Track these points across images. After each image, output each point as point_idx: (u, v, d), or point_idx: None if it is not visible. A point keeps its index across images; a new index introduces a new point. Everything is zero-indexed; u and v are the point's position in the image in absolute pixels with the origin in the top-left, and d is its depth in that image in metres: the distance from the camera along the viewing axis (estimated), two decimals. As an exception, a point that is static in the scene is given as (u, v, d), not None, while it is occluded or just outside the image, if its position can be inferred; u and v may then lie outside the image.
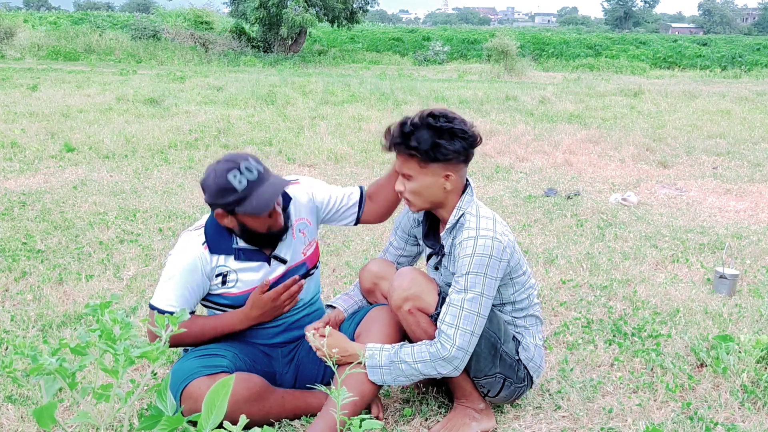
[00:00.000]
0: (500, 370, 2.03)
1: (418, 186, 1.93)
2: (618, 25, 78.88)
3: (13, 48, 21.30)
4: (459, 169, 1.94)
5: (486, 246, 1.89)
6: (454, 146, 1.88)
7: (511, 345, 2.06)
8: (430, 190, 1.94)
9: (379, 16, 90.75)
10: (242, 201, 1.91)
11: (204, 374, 1.88)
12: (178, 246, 2.06)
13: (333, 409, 1.90)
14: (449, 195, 1.97)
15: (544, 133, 8.26)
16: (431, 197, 1.96)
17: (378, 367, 1.93)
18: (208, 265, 2.04)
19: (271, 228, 2.02)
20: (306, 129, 8.11)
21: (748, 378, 2.37)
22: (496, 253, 1.90)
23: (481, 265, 1.88)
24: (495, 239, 1.91)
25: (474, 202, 1.99)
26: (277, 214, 2.01)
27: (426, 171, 1.91)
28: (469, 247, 1.90)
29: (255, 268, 2.09)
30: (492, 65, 21.29)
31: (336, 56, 26.97)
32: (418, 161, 1.89)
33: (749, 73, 23.97)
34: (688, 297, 3.25)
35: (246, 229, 2.00)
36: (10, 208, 4.53)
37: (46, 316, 2.87)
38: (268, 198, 1.92)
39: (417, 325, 1.97)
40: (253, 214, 1.93)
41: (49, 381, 1.29)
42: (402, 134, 1.89)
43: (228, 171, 1.92)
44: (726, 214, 4.95)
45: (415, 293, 1.94)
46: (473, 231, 1.92)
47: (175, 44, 24.41)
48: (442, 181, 1.92)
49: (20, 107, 9.01)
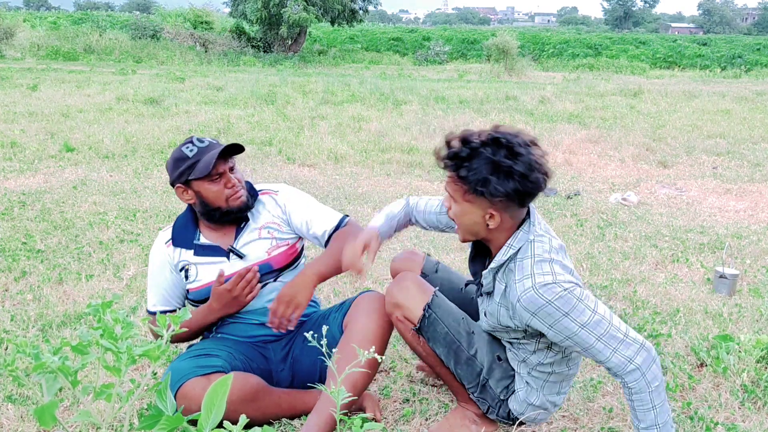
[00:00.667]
0: (482, 396, 1.97)
1: (459, 213, 1.74)
2: (618, 25, 78.92)
3: (12, 48, 21.31)
4: (509, 208, 1.69)
5: (552, 291, 1.64)
6: (506, 187, 1.62)
7: (501, 383, 1.94)
8: (471, 223, 1.73)
9: (379, 16, 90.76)
10: (193, 166, 2.03)
11: (198, 374, 1.89)
12: (152, 246, 2.21)
13: (326, 404, 1.90)
14: (494, 233, 1.75)
15: (544, 132, 8.27)
16: (472, 230, 1.76)
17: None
18: (173, 261, 2.14)
19: (230, 200, 2.06)
20: (306, 129, 8.12)
21: (749, 378, 2.37)
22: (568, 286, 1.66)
23: (568, 302, 1.64)
24: (555, 284, 1.65)
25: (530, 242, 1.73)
26: (232, 184, 2.06)
27: (468, 202, 1.70)
28: (533, 300, 1.65)
29: (213, 263, 2.12)
30: (492, 65, 21.30)
31: (336, 56, 26.98)
32: (463, 189, 1.68)
33: (749, 72, 24.00)
34: (688, 297, 3.25)
35: (203, 202, 2.06)
36: (10, 208, 4.53)
37: (46, 315, 2.87)
38: (210, 157, 2.00)
39: (406, 331, 1.98)
40: (201, 175, 2.00)
41: (50, 380, 1.29)
42: (456, 156, 1.67)
43: (183, 145, 2.07)
44: (726, 214, 4.95)
45: (401, 302, 1.93)
46: (528, 280, 1.67)
47: (174, 44, 24.43)
48: (485, 218, 1.70)
49: (20, 107, 9.01)
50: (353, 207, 4.83)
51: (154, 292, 2.17)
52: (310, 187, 5.50)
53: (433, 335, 1.93)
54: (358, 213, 4.64)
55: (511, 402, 1.94)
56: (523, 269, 1.69)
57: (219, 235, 2.15)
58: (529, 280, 1.66)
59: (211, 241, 2.14)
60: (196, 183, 2.05)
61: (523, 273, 1.68)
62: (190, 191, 2.08)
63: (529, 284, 1.66)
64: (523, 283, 1.67)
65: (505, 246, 1.74)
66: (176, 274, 2.14)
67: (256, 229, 2.15)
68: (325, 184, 5.60)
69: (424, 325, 1.92)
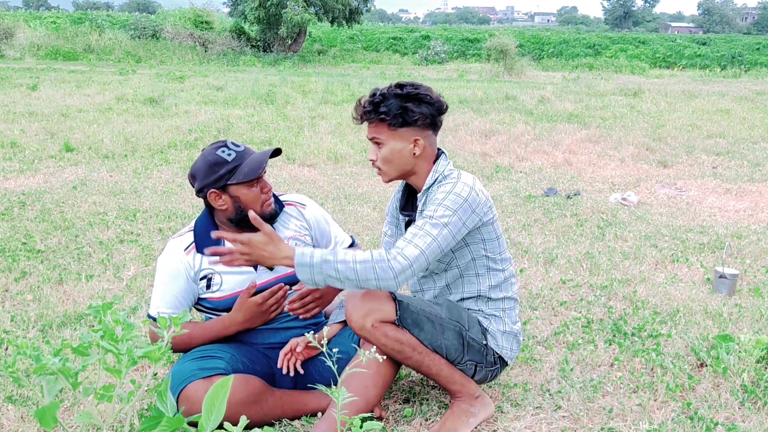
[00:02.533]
0: (470, 357, 2.06)
1: (388, 152, 2.00)
2: (618, 24, 78.88)
3: (12, 48, 21.29)
4: (427, 134, 2.02)
5: (462, 191, 1.95)
6: (421, 110, 1.97)
7: (477, 330, 2.08)
8: (400, 155, 2.00)
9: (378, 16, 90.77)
10: (234, 170, 2.00)
11: (200, 377, 1.89)
12: (163, 253, 2.13)
13: (335, 411, 1.90)
14: (419, 161, 2.03)
15: (544, 132, 8.27)
16: (401, 163, 2.02)
17: (309, 265, 1.80)
18: (192, 269, 2.08)
19: (264, 205, 2.07)
20: (306, 129, 8.12)
21: (749, 378, 2.37)
22: (471, 200, 1.95)
23: (454, 203, 1.93)
24: (473, 189, 1.97)
25: (452, 168, 2.06)
26: (267, 189, 2.07)
27: (395, 135, 1.99)
28: (447, 186, 1.96)
29: (240, 272, 2.10)
30: (492, 65, 21.29)
31: (336, 56, 26.97)
32: (388, 126, 1.98)
33: (749, 72, 24.00)
34: (688, 297, 3.25)
35: (239, 207, 2.04)
36: (10, 208, 4.53)
37: (46, 316, 2.87)
38: (257, 162, 2.01)
39: (385, 336, 1.94)
40: (246, 179, 1.99)
41: (51, 381, 1.29)
42: (372, 103, 1.99)
43: (217, 149, 2.04)
44: (726, 214, 4.95)
45: (371, 308, 1.93)
46: (454, 179, 1.99)
47: (174, 44, 24.40)
48: (411, 146, 2.00)
49: (20, 107, 9.01)
50: (353, 207, 4.83)
51: (166, 299, 2.07)
52: (310, 187, 5.50)
53: (414, 318, 1.97)
54: (358, 213, 4.65)
55: (490, 341, 2.10)
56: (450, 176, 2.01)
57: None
58: (454, 179, 1.99)
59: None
60: (234, 188, 2.01)
61: (450, 177, 2.00)
62: (225, 196, 2.03)
63: (453, 180, 1.98)
64: (449, 179, 2.00)
65: (432, 171, 2.04)
66: (192, 283, 2.09)
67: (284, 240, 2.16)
68: (325, 184, 5.60)
69: (403, 313, 1.95)
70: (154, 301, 2.10)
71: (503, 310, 2.13)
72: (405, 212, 2.16)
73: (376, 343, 1.96)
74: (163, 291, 2.08)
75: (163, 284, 2.08)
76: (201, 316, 2.26)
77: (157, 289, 2.10)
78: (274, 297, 2.07)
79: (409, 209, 2.15)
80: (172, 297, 2.07)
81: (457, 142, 7.70)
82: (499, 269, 2.11)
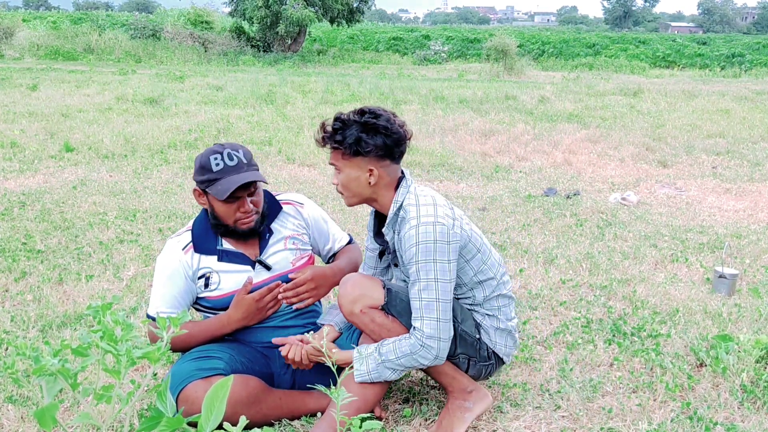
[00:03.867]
0: (462, 350, 2.06)
1: (345, 178, 2.00)
2: (617, 24, 78.89)
3: (12, 48, 21.30)
4: (384, 164, 1.98)
5: (428, 232, 1.92)
6: (375, 141, 1.94)
7: (470, 323, 2.08)
8: (357, 183, 1.99)
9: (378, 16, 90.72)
10: (212, 182, 2.01)
11: (199, 377, 1.90)
12: (162, 253, 2.14)
13: (335, 411, 1.90)
14: (376, 190, 2.01)
15: (544, 132, 8.27)
16: (359, 190, 2.01)
17: (366, 373, 1.95)
18: (191, 269, 2.09)
19: (238, 223, 2.06)
20: (306, 129, 8.11)
21: (748, 378, 2.38)
22: (440, 237, 1.92)
23: (428, 252, 1.91)
24: (437, 223, 1.93)
25: (412, 193, 2.02)
26: (245, 210, 2.05)
27: (350, 164, 1.97)
28: (412, 237, 1.93)
29: (238, 272, 2.11)
30: (491, 65, 21.29)
31: (335, 56, 26.95)
32: (343, 154, 1.97)
33: (749, 72, 23.97)
34: (688, 296, 3.25)
35: (214, 214, 2.07)
36: (10, 209, 4.53)
37: (46, 316, 2.87)
38: (230, 184, 1.99)
39: (373, 322, 1.98)
40: (216, 197, 2.00)
41: (50, 382, 1.29)
42: (332, 129, 1.98)
43: (212, 153, 2.03)
44: (725, 214, 4.95)
45: (360, 294, 1.98)
46: (414, 220, 1.94)
47: (174, 44, 24.38)
48: (366, 176, 1.98)
49: (20, 107, 9.01)
50: (352, 207, 4.83)
51: (166, 299, 2.08)
52: (310, 187, 5.50)
53: (401, 306, 1.99)
54: (357, 213, 4.65)
55: (483, 335, 2.11)
56: (409, 212, 1.97)
57: (241, 243, 2.13)
58: (414, 221, 1.94)
59: (234, 248, 2.12)
60: (211, 197, 2.05)
61: (410, 215, 1.96)
62: (204, 198, 2.09)
63: (414, 223, 1.94)
64: (410, 222, 1.95)
65: (393, 202, 2.01)
66: (190, 283, 2.10)
67: (281, 240, 2.17)
68: (325, 184, 5.60)
69: (390, 300, 1.99)
70: (153, 301, 2.10)
71: (498, 309, 2.13)
72: (378, 239, 2.15)
73: (364, 329, 2.02)
74: (162, 290, 2.09)
75: (162, 284, 2.09)
76: (200, 316, 2.26)
77: (156, 289, 2.11)
78: (271, 294, 2.08)
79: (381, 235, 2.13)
80: (171, 296, 2.08)
81: (456, 141, 7.70)
82: (490, 277, 2.11)
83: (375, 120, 1.94)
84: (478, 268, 2.07)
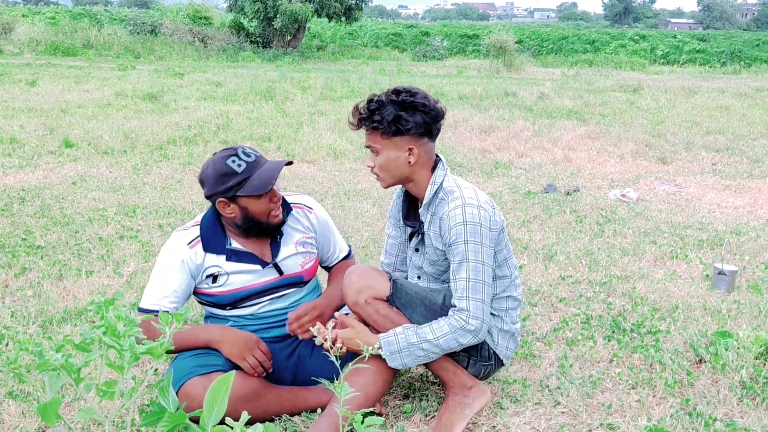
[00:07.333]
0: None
1: (384, 160, 1.99)
2: (617, 20, 78.78)
3: (11, 43, 21.24)
4: (422, 143, 1.99)
5: (474, 214, 1.93)
6: (415, 119, 1.95)
7: None
8: (396, 164, 1.99)
9: (378, 12, 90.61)
10: (243, 182, 1.98)
11: (198, 374, 1.90)
12: (166, 245, 2.10)
13: (337, 406, 1.91)
14: (415, 169, 2.01)
15: (543, 129, 8.27)
16: (398, 171, 2.00)
17: (398, 352, 1.94)
18: (194, 264, 2.06)
19: (271, 217, 2.05)
20: (305, 125, 8.11)
21: (747, 374, 2.38)
22: (484, 221, 1.94)
23: (475, 233, 1.92)
24: (481, 207, 1.95)
25: (450, 176, 2.04)
26: (277, 198, 2.05)
27: (390, 144, 1.97)
28: (458, 216, 1.93)
29: (248, 271, 2.10)
30: (491, 61, 21.27)
31: (335, 52, 26.90)
32: (382, 134, 1.97)
33: (749, 68, 23.97)
34: (687, 293, 3.26)
35: (248, 216, 2.02)
36: (10, 204, 4.53)
37: (47, 312, 2.88)
38: (268, 175, 1.98)
39: (377, 313, 2.00)
40: (255, 194, 1.97)
41: (53, 377, 1.30)
42: (368, 110, 1.97)
43: (227, 158, 2.00)
44: (725, 210, 4.95)
45: (365, 284, 2.00)
46: (459, 200, 1.95)
47: (173, 40, 24.32)
48: (406, 155, 1.98)
49: (19, 103, 8.99)
50: (353, 203, 4.83)
51: (160, 293, 2.03)
52: (310, 183, 5.50)
53: (406, 299, 2.00)
54: (357, 209, 4.65)
55: (486, 336, 2.08)
56: (452, 192, 1.98)
57: (250, 242, 2.12)
58: (459, 200, 1.95)
59: (243, 247, 2.11)
60: (243, 199, 1.99)
61: (453, 195, 1.97)
62: (234, 206, 2.01)
63: (459, 203, 1.94)
64: (454, 201, 1.95)
65: (431, 183, 2.02)
66: (191, 279, 2.06)
67: (292, 243, 2.17)
68: (325, 180, 5.60)
69: (395, 292, 2.00)
70: (149, 293, 2.04)
71: (505, 310, 2.12)
72: (408, 222, 2.15)
73: (368, 319, 2.03)
74: (161, 283, 2.03)
75: (163, 276, 2.04)
76: (201, 309, 2.26)
77: (153, 280, 2.05)
78: (264, 358, 2.03)
79: (412, 218, 2.14)
80: (169, 289, 2.03)
81: (456, 138, 7.70)
82: (506, 275, 2.10)
83: (412, 98, 1.95)
84: (500, 261, 2.08)
